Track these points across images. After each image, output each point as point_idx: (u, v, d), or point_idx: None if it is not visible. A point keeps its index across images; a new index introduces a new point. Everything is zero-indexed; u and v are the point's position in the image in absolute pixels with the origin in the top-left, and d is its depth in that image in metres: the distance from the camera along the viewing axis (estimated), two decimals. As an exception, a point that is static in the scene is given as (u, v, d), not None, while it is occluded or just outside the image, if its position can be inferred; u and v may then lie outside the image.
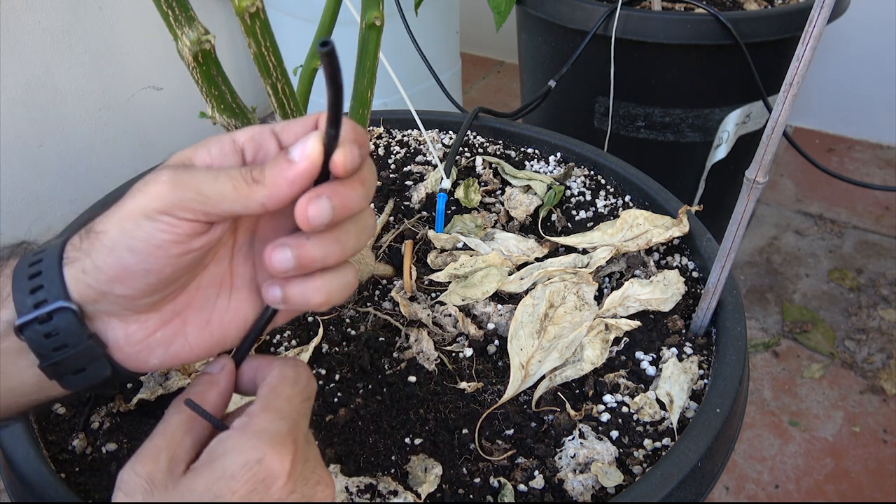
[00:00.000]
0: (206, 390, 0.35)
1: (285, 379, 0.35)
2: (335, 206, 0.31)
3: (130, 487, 0.31)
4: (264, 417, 0.33)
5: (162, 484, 0.31)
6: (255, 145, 0.34)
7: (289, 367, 0.36)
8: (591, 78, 1.14)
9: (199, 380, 0.36)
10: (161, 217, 0.31)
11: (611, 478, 0.48)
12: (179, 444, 0.33)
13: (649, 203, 0.71)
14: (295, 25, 1.39)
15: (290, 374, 0.35)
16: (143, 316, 0.34)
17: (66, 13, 1.37)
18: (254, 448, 0.31)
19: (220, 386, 0.36)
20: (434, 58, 1.13)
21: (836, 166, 1.81)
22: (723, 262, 0.54)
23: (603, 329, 0.58)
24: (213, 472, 0.31)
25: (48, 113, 1.41)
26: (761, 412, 1.24)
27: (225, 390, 0.36)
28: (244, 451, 0.31)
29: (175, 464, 0.32)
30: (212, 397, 0.35)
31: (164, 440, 0.33)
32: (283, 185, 0.31)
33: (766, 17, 1.04)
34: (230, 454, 0.31)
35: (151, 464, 0.32)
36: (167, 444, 0.33)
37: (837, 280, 1.48)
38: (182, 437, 0.33)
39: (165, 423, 0.34)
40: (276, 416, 0.33)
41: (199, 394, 0.35)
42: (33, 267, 0.33)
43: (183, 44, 0.44)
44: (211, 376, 0.36)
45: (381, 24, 0.52)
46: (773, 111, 0.46)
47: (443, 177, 0.73)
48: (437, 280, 0.64)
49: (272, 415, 0.33)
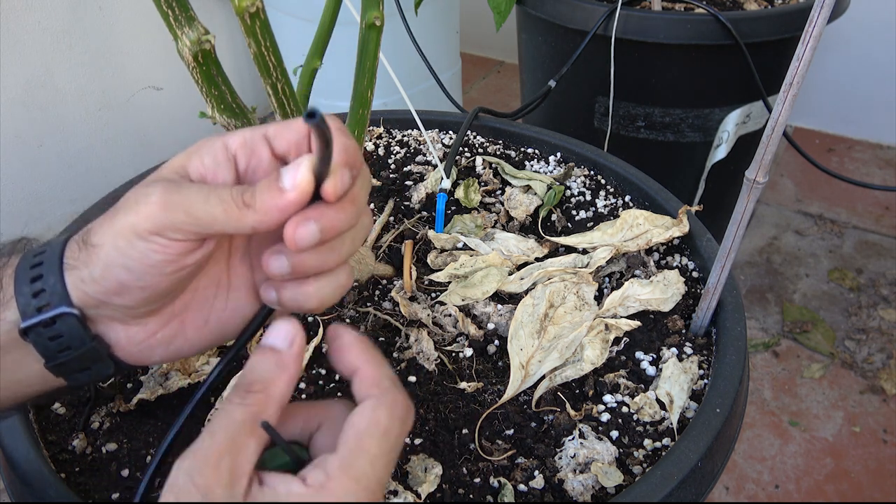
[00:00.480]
0: (274, 377, 0.31)
1: (376, 427, 0.30)
2: (323, 227, 0.32)
3: (184, 496, 0.28)
4: (340, 483, 0.29)
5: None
6: (248, 152, 0.33)
7: (383, 410, 0.31)
8: (591, 78, 1.14)
9: (262, 358, 0.32)
10: (153, 238, 0.31)
11: (611, 478, 0.48)
12: (242, 449, 0.29)
13: (649, 203, 0.71)
14: (295, 25, 1.39)
15: (384, 421, 0.30)
16: (143, 320, 0.34)
17: (66, 13, 1.37)
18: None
19: (289, 372, 0.32)
20: (434, 58, 1.13)
21: (836, 166, 1.81)
22: (723, 262, 0.54)
23: (603, 329, 0.58)
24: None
25: (48, 113, 1.41)
26: (761, 412, 1.24)
27: (294, 376, 0.32)
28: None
29: (236, 477, 0.28)
30: (280, 388, 0.31)
31: (228, 443, 0.29)
32: (273, 212, 0.31)
33: (766, 17, 1.04)
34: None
35: (211, 473, 0.28)
36: (230, 447, 0.29)
37: (837, 280, 1.48)
38: (246, 439, 0.29)
39: (228, 416, 0.30)
40: (353, 487, 0.29)
41: (266, 382, 0.31)
42: (35, 269, 0.33)
43: (183, 44, 0.44)
44: (279, 356, 0.32)
45: (381, 24, 0.52)
46: (773, 111, 0.46)
47: (443, 177, 0.73)
48: (437, 280, 0.64)
49: (350, 484, 0.29)
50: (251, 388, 0.31)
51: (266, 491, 0.29)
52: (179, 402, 0.55)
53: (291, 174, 0.31)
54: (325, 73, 0.60)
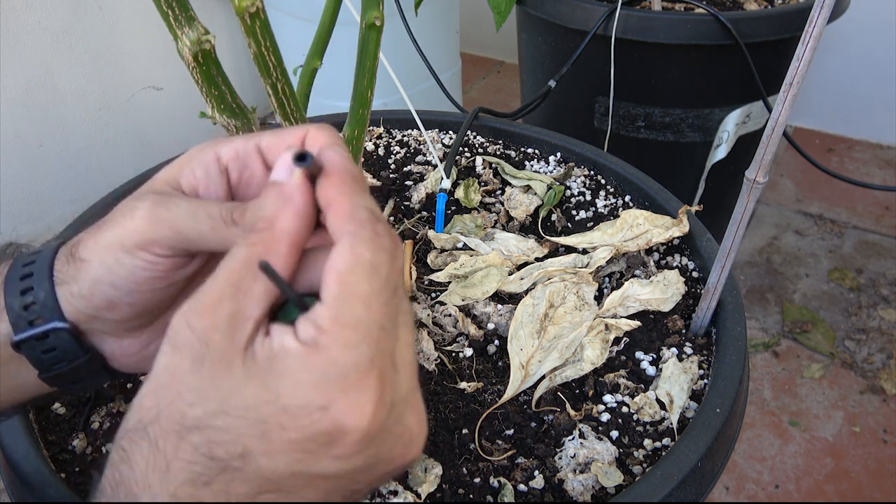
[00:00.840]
0: (277, 212, 0.27)
1: (359, 265, 0.25)
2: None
3: (180, 341, 0.25)
4: (334, 337, 0.24)
5: (217, 353, 0.24)
6: (240, 165, 0.32)
7: (362, 241, 0.25)
8: (591, 78, 1.14)
9: (264, 194, 0.28)
10: (139, 253, 0.30)
11: (611, 478, 0.48)
12: (247, 292, 0.25)
13: (649, 203, 0.71)
14: (295, 25, 1.39)
15: (367, 255, 0.25)
16: (136, 332, 0.34)
17: (66, 13, 1.37)
18: (318, 388, 0.24)
19: (294, 203, 0.27)
20: (434, 58, 1.13)
21: (836, 166, 1.81)
22: (723, 262, 0.54)
23: (603, 329, 0.58)
24: (266, 388, 0.24)
25: (48, 113, 1.41)
26: (761, 412, 1.24)
27: (303, 208, 0.27)
28: (304, 388, 0.24)
29: (238, 322, 0.25)
30: (287, 222, 0.27)
31: (229, 285, 0.25)
32: None
33: (766, 17, 1.04)
34: (287, 380, 0.24)
35: (209, 316, 0.25)
36: (232, 289, 0.25)
37: (837, 280, 1.48)
38: (251, 283, 0.25)
39: (231, 257, 0.26)
40: (351, 337, 0.24)
41: (268, 218, 0.27)
42: (25, 281, 0.32)
43: (183, 44, 0.44)
44: (279, 188, 0.28)
45: (381, 24, 0.52)
46: (773, 111, 0.46)
47: (443, 177, 0.73)
48: (437, 280, 0.64)
49: (346, 334, 0.24)
50: (255, 227, 0.27)
51: (265, 342, 0.25)
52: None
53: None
54: (325, 73, 0.60)
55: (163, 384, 0.25)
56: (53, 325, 0.31)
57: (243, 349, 0.25)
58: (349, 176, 0.28)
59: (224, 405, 0.24)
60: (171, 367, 0.25)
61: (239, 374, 0.24)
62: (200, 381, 0.24)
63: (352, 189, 0.27)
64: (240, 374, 0.24)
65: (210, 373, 0.24)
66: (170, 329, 0.25)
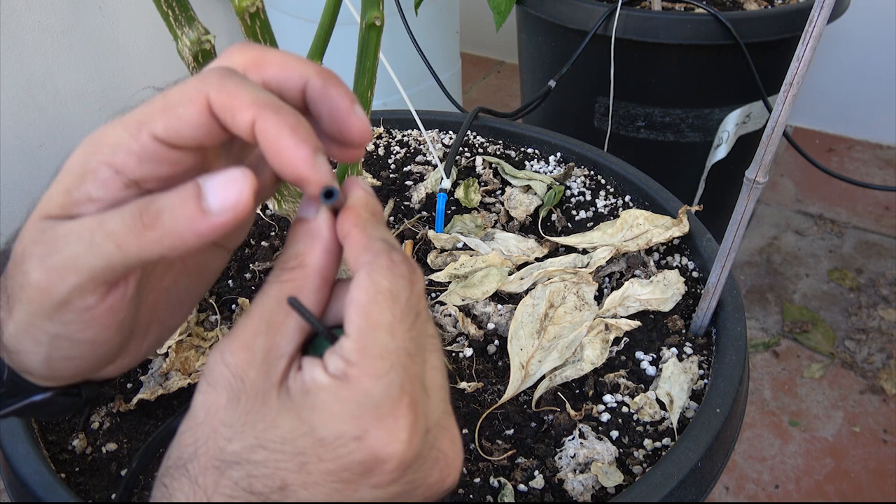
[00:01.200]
0: (307, 249, 0.27)
1: (379, 294, 0.25)
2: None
3: (216, 378, 0.25)
4: (363, 368, 0.24)
5: (252, 389, 0.25)
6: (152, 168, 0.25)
7: (380, 271, 0.25)
8: (591, 78, 1.14)
9: (293, 233, 0.28)
10: (62, 314, 0.26)
11: (611, 478, 0.48)
12: (280, 328, 0.26)
13: (649, 203, 0.71)
14: (295, 25, 1.39)
15: (386, 284, 0.25)
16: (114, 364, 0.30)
17: (66, 13, 1.37)
18: (352, 419, 0.24)
19: (322, 239, 0.27)
20: (434, 58, 1.13)
21: (836, 166, 1.81)
22: (723, 262, 0.54)
23: (603, 329, 0.58)
24: (301, 421, 0.24)
25: (48, 113, 1.41)
26: (761, 412, 1.24)
27: (330, 243, 0.27)
28: (338, 419, 0.24)
29: (272, 358, 0.25)
30: (316, 258, 0.27)
31: (262, 321, 0.26)
32: (189, 238, 0.24)
33: (766, 17, 1.04)
34: (321, 413, 0.24)
35: (243, 352, 0.25)
36: (265, 326, 0.26)
37: (837, 280, 1.48)
38: (284, 318, 0.26)
39: (264, 295, 0.26)
40: (379, 366, 0.24)
41: (299, 255, 0.27)
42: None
43: (183, 44, 0.44)
44: (307, 226, 0.27)
45: (381, 24, 0.52)
46: (773, 111, 0.46)
47: (443, 177, 0.73)
48: (437, 280, 0.64)
49: (374, 364, 0.24)
50: (286, 265, 0.27)
51: (297, 377, 0.25)
52: (179, 402, 0.55)
53: (221, 190, 0.24)
54: (325, 73, 0.59)
55: (200, 421, 0.25)
56: (31, 399, 0.29)
57: (278, 384, 0.25)
58: (365, 209, 0.28)
59: (261, 439, 0.24)
60: (207, 404, 0.25)
61: (274, 408, 0.24)
62: (237, 416, 0.25)
63: (366, 221, 0.27)
64: (275, 409, 0.24)
65: (247, 408, 0.25)
66: (205, 366, 0.26)
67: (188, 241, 0.24)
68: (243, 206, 0.24)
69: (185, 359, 0.56)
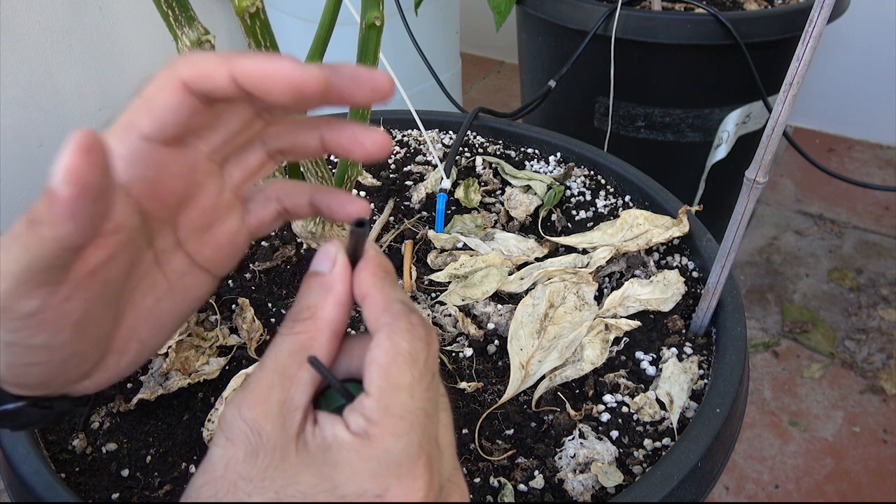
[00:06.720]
0: (320, 300, 0.28)
1: (399, 356, 0.26)
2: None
3: (234, 432, 0.26)
4: (385, 427, 0.25)
5: (270, 443, 0.25)
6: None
7: (399, 333, 0.27)
8: (591, 78, 1.14)
9: (306, 284, 0.29)
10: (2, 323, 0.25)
11: (611, 478, 0.48)
12: (293, 380, 0.26)
13: (649, 203, 0.71)
14: (295, 25, 1.39)
15: (405, 346, 0.27)
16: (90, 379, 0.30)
17: (66, 13, 1.37)
18: (374, 477, 0.25)
19: (335, 293, 0.28)
20: (434, 58, 1.13)
21: (836, 166, 1.81)
22: (723, 262, 0.54)
23: (603, 329, 0.58)
24: (322, 478, 0.25)
25: (48, 113, 1.41)
26: (761, 412, 1.24)
27: (343, 297, 0.28)
28: (360, 477, 0.25)
29: (287, 411, 0.26)
30: (329, 312, 0.28)
31: (275, 374, 0.26)
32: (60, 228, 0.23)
33: (766, 17, 1.04)
34: (343, 470, 0.25)
35: (260, 405, 0.26)
36: (279, 378, 0.26)
37: (837, 280, 1.48)
38: (297, 371, 0.27)
39: (276, 348, 0.27)
40: (400, 426, 0.25)
41: (311, 307, 0.28)
42: None
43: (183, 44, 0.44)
44: (321, 279, 0.29)
45: (381, 24, 0.52)
46: (773, 111, 0.46)
47: (443, 177, 0.73)
48: (437, 280, 0.64)
49: (395, 423, 0.25)
50: (298, 317, 0.28)
51: (316, 432, 0.26)
52: (179, 402, 0.55)
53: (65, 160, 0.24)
54: (325, 73, 0.59)
55: (219, 475, 0.25)
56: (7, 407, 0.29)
57: (295, 438, 0.26)
58: (381, 270, 0.29)
59: (282, 495, 0.25)
60: (226, 458, 0.25)
61: (294, 463, 0.25)
62: (257, 471, 0.25)
63: (384, 282, 0.29)
64: (294, 464, 0.25)
65: (265, 463, 0.25)
66: (221, 419, 0.26)
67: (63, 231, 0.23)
68: (81, 174, 0.23)
69: (185, 359, 0.56)
